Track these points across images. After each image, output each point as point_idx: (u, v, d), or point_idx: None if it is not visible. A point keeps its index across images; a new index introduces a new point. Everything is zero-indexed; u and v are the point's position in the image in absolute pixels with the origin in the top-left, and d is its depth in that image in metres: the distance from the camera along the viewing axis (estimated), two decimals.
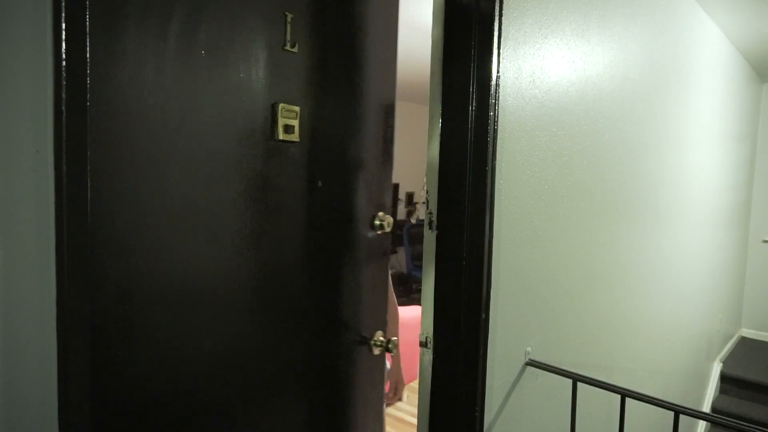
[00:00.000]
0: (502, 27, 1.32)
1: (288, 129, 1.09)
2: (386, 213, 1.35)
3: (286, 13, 1.07)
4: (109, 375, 0.86)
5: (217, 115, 0.97)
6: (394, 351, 1.37)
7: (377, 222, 1.34)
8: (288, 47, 1.08)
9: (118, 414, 0.87)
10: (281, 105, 1.07)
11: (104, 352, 0.85)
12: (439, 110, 1.36)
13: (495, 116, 1.32)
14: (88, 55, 0.79)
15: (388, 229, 1.35)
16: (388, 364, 2.60)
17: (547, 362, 1.57)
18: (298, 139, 1.12)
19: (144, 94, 0.87)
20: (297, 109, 1.11)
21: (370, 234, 1.33)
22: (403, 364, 3.25)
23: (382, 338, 1.38)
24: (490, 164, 1.31)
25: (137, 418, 0.90)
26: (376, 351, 1.36)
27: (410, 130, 6.58)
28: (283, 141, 1.09)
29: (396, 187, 6.23)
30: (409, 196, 6.56)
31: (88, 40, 0.79)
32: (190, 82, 0.93)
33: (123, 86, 0.84)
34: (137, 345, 0.89)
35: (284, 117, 1.08)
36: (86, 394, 0.83)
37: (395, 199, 6.21)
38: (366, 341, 1.35)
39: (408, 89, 5.63)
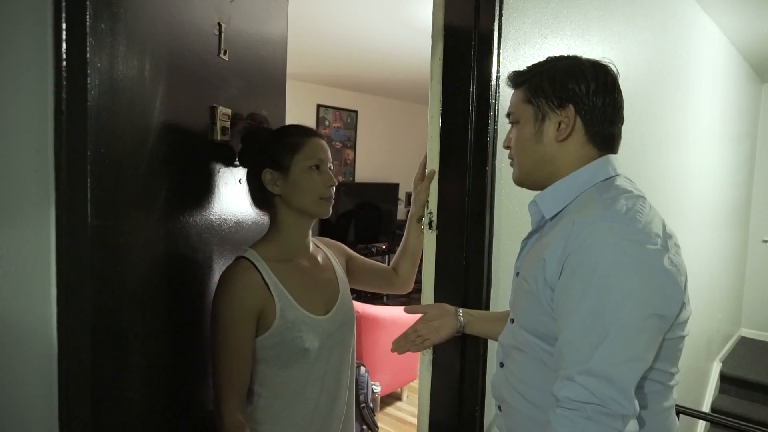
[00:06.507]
0: (502, 27, 1.32)
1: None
2: None
3: None
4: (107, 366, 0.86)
5: None
6: None
7: None
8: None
9: None
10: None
11: (103, 351, 0.86)
12: (439, 110, 1.36)
13: (495, 116, 1.32)
14: (88, 55, 0.79)
15: None
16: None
17: None
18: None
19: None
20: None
21: None
22: (403, 365, 3.25)
23: None
24: (490, 164, 1.31)
25: None
26: None
27: (410, 130, 6.57)
28: None
29: (396, 187, 6.22)
30: (409, 196, 6.55)
31: (88, 40, 0.79)
32: None
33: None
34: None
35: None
36: (86, 386, 0.83)
37: (395, 199, 6.20)
38: None
39: (408, 89, 5.63)
